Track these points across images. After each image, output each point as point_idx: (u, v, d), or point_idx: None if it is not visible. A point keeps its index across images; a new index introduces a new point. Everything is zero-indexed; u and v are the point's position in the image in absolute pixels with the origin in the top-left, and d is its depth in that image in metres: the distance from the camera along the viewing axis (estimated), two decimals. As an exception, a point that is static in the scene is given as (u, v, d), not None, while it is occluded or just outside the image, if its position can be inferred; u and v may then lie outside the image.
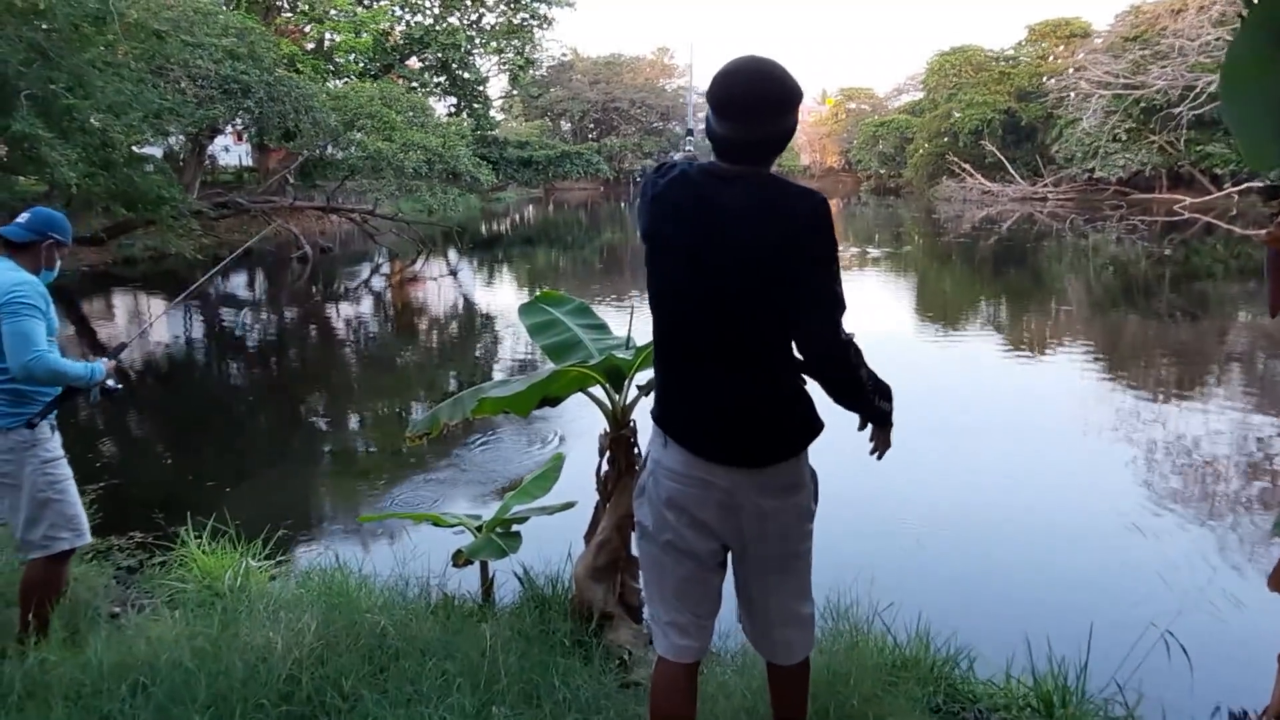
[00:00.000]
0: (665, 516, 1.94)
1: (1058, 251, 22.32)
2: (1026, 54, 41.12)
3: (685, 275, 1.84)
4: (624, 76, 49.12)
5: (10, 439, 2.91)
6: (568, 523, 4.01)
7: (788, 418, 1.93)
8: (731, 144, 1.80)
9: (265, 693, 2.41)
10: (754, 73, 1.77)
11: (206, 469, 6.65)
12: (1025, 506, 5.57)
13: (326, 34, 25.20)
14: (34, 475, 2.94)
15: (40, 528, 2.98)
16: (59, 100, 7.54)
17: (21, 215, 3.09)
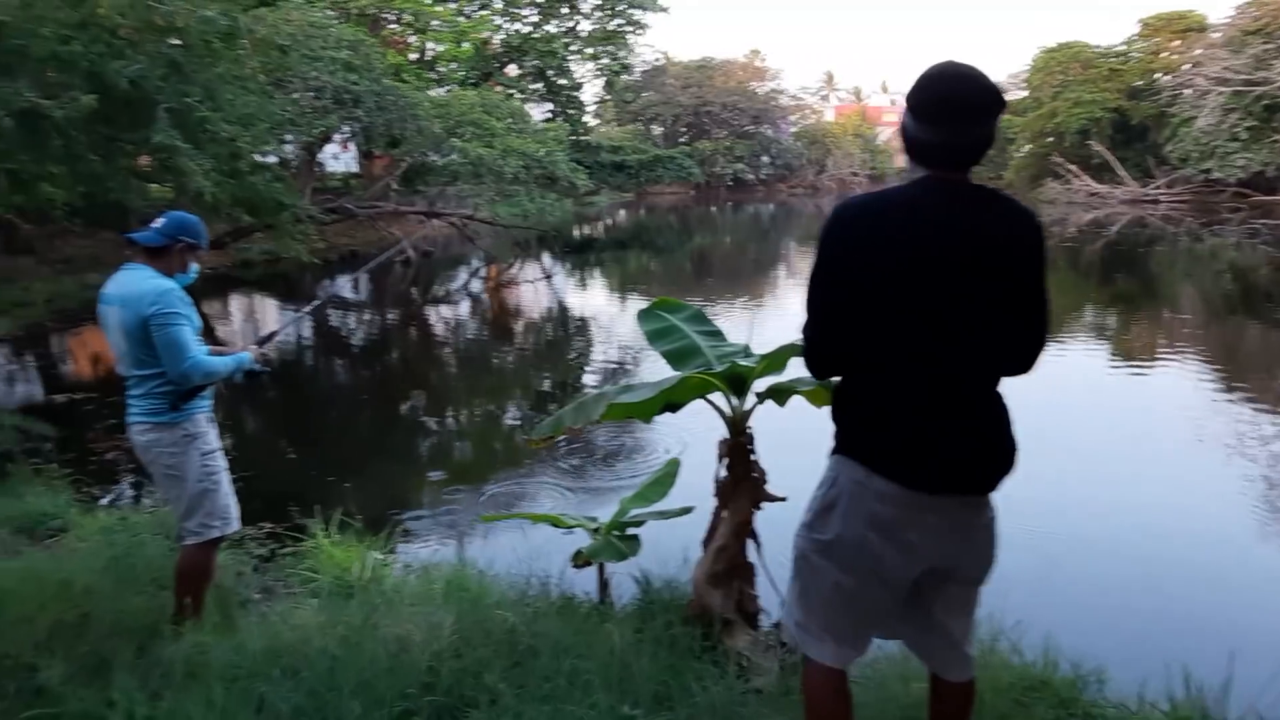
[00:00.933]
0: (867, 540, 1.83)
1: (1171, 256, 21.12)
2: (1138, 50, 39.02)
3: (933, 296, 1.76)
4: (715, 80, 48.97)
5: (174, 434, 3.09)
6: (681, 528, 4.01)
7: (1012, 436, 1.91)
8: (949, 150, 1.78)
9: (408, 682, 2.48)
10: (968, 76, 1.77)
11: (326, 464, 6.94)
12: (1148, 522, 5.29)
13: (429, 44, 26.03)
14: (195, 468, 3.12)
15: (197, 516, 3.16)
16: (194, 113, 8.03)
17: (156, 220, 3.18)
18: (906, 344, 1.79)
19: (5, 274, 14.82)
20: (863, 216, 1.82)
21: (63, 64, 7.07)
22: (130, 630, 3.05)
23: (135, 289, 2.99)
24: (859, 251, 1.78)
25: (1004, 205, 1.84)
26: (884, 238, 1.77)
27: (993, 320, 1.81)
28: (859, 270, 1.78)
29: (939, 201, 1.78)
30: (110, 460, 6.77)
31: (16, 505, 4.98)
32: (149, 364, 3.04)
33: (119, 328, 3.03)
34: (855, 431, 1.87)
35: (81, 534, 4.45)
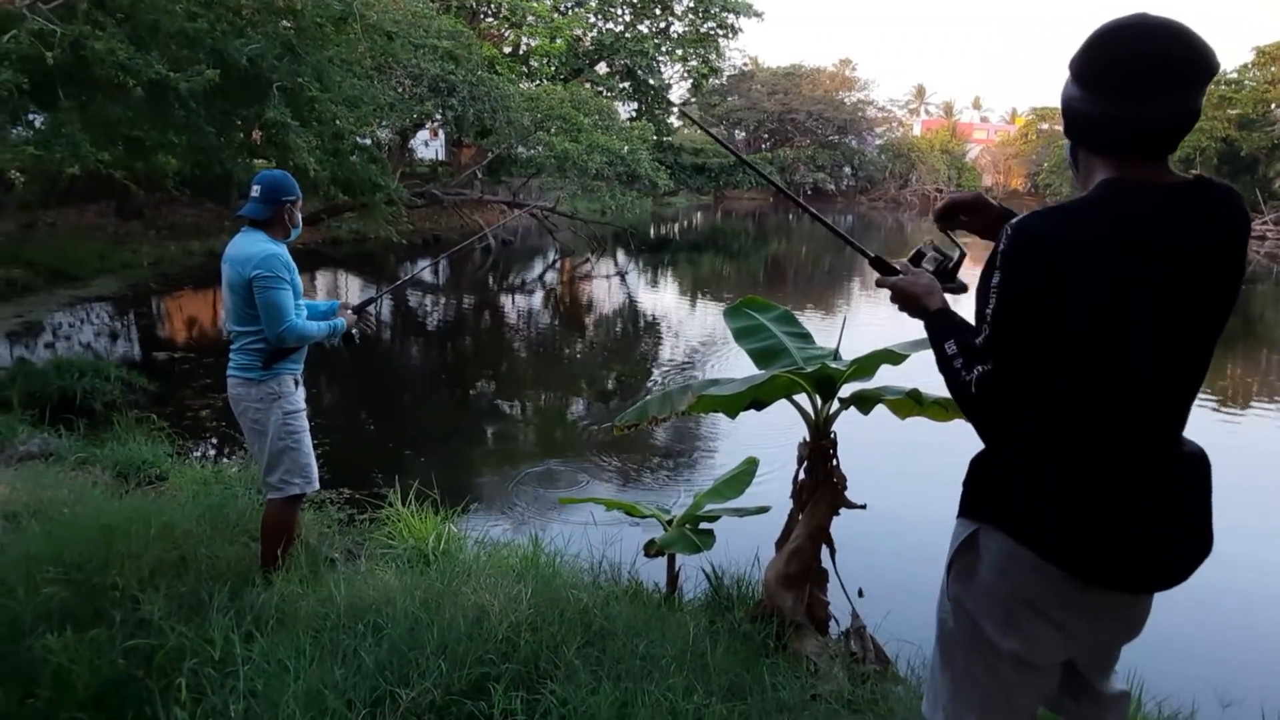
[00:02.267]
0: (1016, 620, 1.52)
1: (1276, 295, 20.04)
2: (1252, 78, 37.16)
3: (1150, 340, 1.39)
4: (803, 88, 48.51)
5: (261, 390, 3.26)
6: (754, 526, 4.01)
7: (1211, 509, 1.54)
8: (1149, 130, 1.37)
9: (487, 648, 2.54)
10: (1173, 29, 1.35)
11: (402, 436, 7.14)
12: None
13: (524, 38, 26.46)
14: (277, 424, 3.27)
15: (277, 472, 3.32)
16: (304, 92, 8.37)
17: (252, 189, 3.31)
18: (1115, 401, 1.41)
19: (117, 236, 15.68)
20: (1054, 237, 1.38)
21: (189, 40, 7.46)
22: (223, 575, 3.20)
23: (245, 251, 3.19)
24: (1049, 283, 1.37)
25: (1219, 203, 1.42)
26: (1092, 265, 1.36)
27: (1202, 361, 1.46)
28: (1050, 306, 1.38)
29: (1150, 211, 1.37)
30: (203, 417, 7.10)
31: (120, 451, 5.28)
32: (249, 321, 3.23)
33: (228, 285, 3.24)
34: (1023, 506, 1.48)
35: (178, 482, 4.68)
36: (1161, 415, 1.44)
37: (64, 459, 5.21)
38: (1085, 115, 1.42)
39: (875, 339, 3.77)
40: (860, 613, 3.57)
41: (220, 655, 2.52)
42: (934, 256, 1.81)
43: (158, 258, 15.13)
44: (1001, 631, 1.52)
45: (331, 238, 17.54)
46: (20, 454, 5.42)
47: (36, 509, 4.00)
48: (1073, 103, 1.44)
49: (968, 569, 1.57)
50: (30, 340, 9.77)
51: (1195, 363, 1.45)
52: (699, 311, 15.51)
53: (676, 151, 34.03)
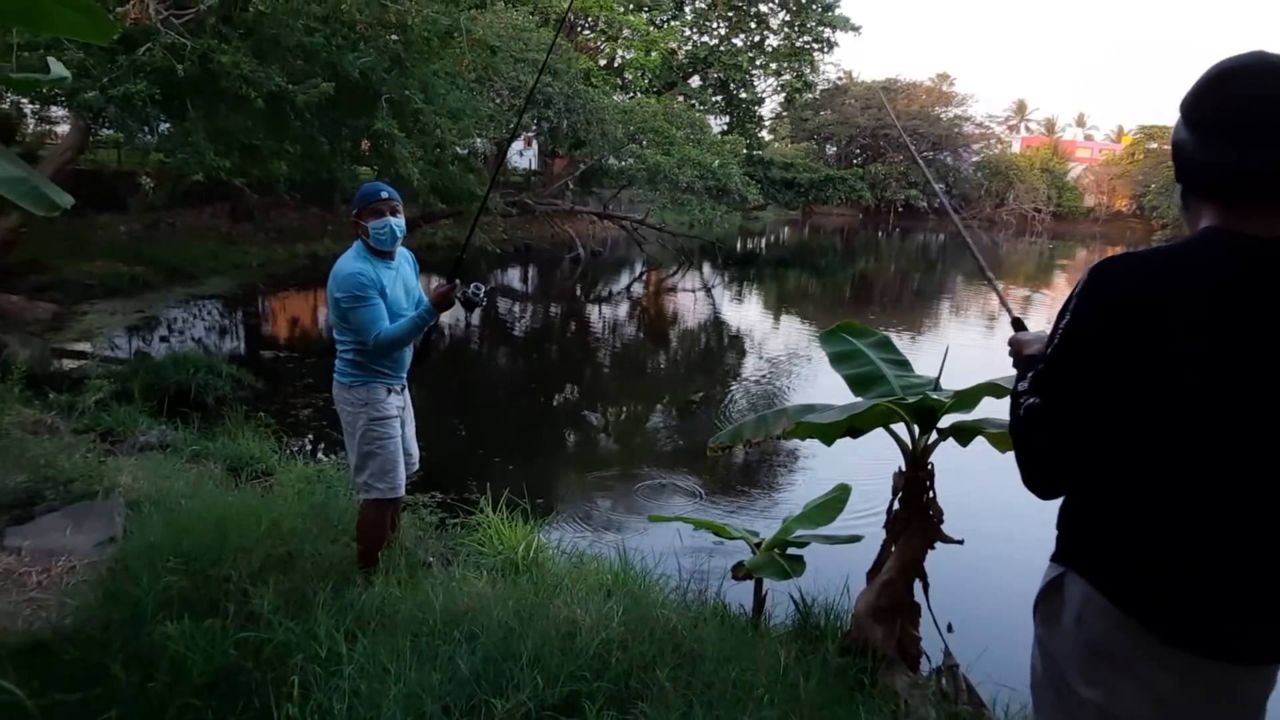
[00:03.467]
0: (1098, 671, 1.44)
1: None
2: None
3: (1255, 400, 1.30)
4: (897, 102, 47.53)
5: (352, 395, 3.39)
6: (843, 555, 3.93)
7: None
8: (1266, 175, 1.29)
9: (579, 664, 2.57)
10: (1278, 69, 1.28)
11: (491, 443, 7.29)
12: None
13: (619, 51, 26.80)
14: (363, 429, 3.39)
15: (363, 474, 3.44)
16: (410, 104, 8.69)
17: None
18: (1196, 455, 1.33)
19: (229, 237, 16.56)
20: (1139, 286, 1.31)
21: (306, 53, 7.86)
22: (326, 573, 3.32)
23: (336, 270, 3.31)
24: (1132, 335, 1.30)
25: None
26: (1169, 318, 1.28)
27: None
28: (1131, 359, 1.31)
29: (1247, 265, 1.28)
30: (305, 416, 7.40)
31: (231, 446, 5.55)
32: (342, 331, 3.38)
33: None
34: (1102, 553, 1.43)
35: (283, 479, 4.89)
36: (1252, 474, 1.33)
37: (180, 451, 5.50)
38: (1194, 160, 1.36)
39: (973, 367, 3.66)
40: (953, 651, 3.46)
41: (325, 653, 2.61)
42: None
43: (265, 259, 15.91)
44: (1083, 680, 1.46)
45: (427, 244, 18.10)
46: (141, 444, 5.75)
47: (157, 499, 4.24)
48: (1182, 145, 1.38)
49: (1053, 613, 1.52)
50: (148, 334, 10.39)
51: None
52: (783, 328, 15.36)
53: (766, 166, 33.81)
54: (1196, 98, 1.35)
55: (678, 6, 30.30)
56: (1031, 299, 19.56)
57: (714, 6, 30.64)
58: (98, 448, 5.42)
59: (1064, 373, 1.39)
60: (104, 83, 7.44)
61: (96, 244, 13.55)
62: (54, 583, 3.55)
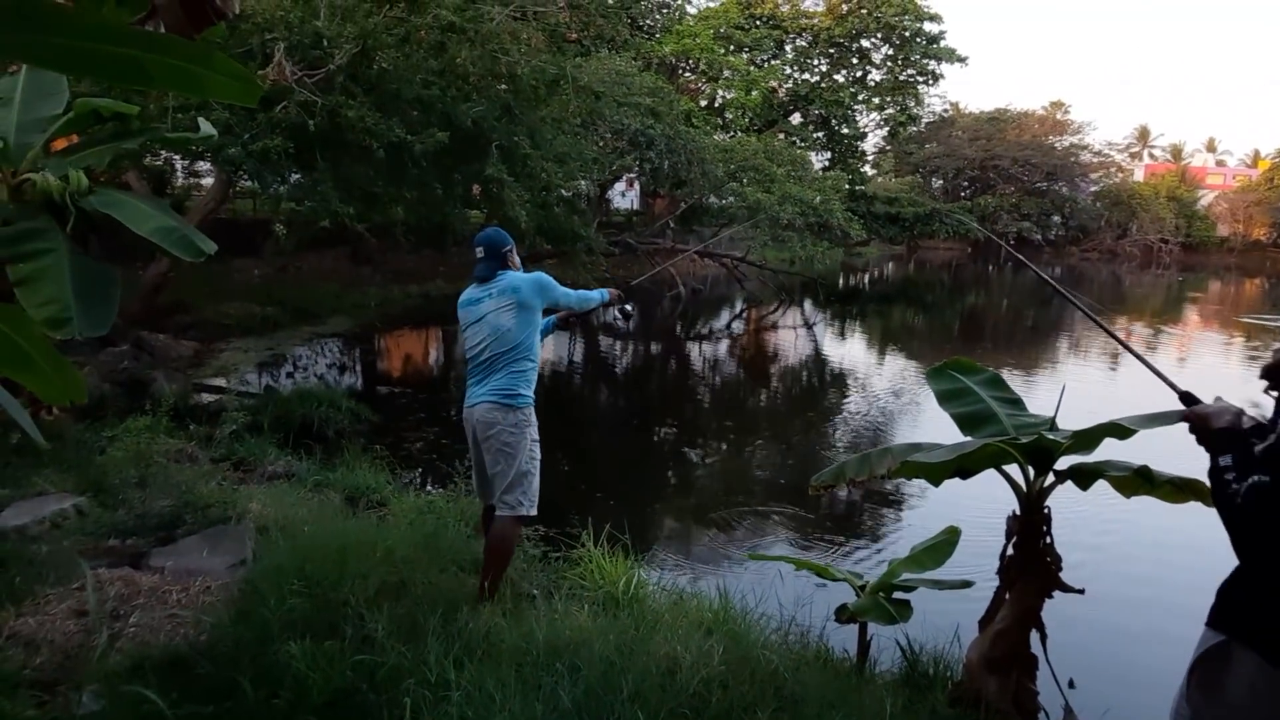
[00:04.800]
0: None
1: None
2: None
3: None
4: (1008, 133, 46.08)
5: (515, 416, 3.61)
6: (954, 601, 3.79)
7: None
8: None
9: (680, 701, 2.57)
10: None
11: (592, 478, 7.39)
12: None
13: (720, 91, 27.16)
14: (526, 449, 3.64)
15: (515, 492, 3.63)
16: (518, 150, 9.08)
17: (476, 250, 3.83)
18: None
19: (350, 280, 17.52)
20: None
21: (423, 105, 8.36)
22: (437, 601, 3.44)
23: (511, 282, 3.72)
24: None
25: None
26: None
27: None
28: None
29: None
30: (417, 449, 7.71)
31: (349, 477, 5.84)
32: (523, 345, 3.66)
33: (509, 310, 3.68)
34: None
35: (397, 509, 5.11)
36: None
37: (303, 480, 5.83)
38: None
39: (1094, 407, 3.48)
40: (1074, 706, 3.28)
41: (435, 678, 2.71)
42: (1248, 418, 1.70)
43: (382, 299, 16.73)
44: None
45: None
46: (269, 473, 6.14)
47: (283, 525, 4.51)
48: None
49: (1213, 680, 1.45)
50: (276, 370, 11.07)
51: None
52: (888, 365, 14.99)
53: (869, 201, 33.33)
54: None
55: (778, 46, 30.50)
56: (1159, 336, 18.43)
57: (815, 44, 30.68)
58: (231, 476, 5.82)
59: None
60: (245, 139, 8.09)
61: (233, 287, 14.59)
62: (192, 600, 3.81)
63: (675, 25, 25.58)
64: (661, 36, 25.14)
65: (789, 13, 30.36)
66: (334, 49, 8.22)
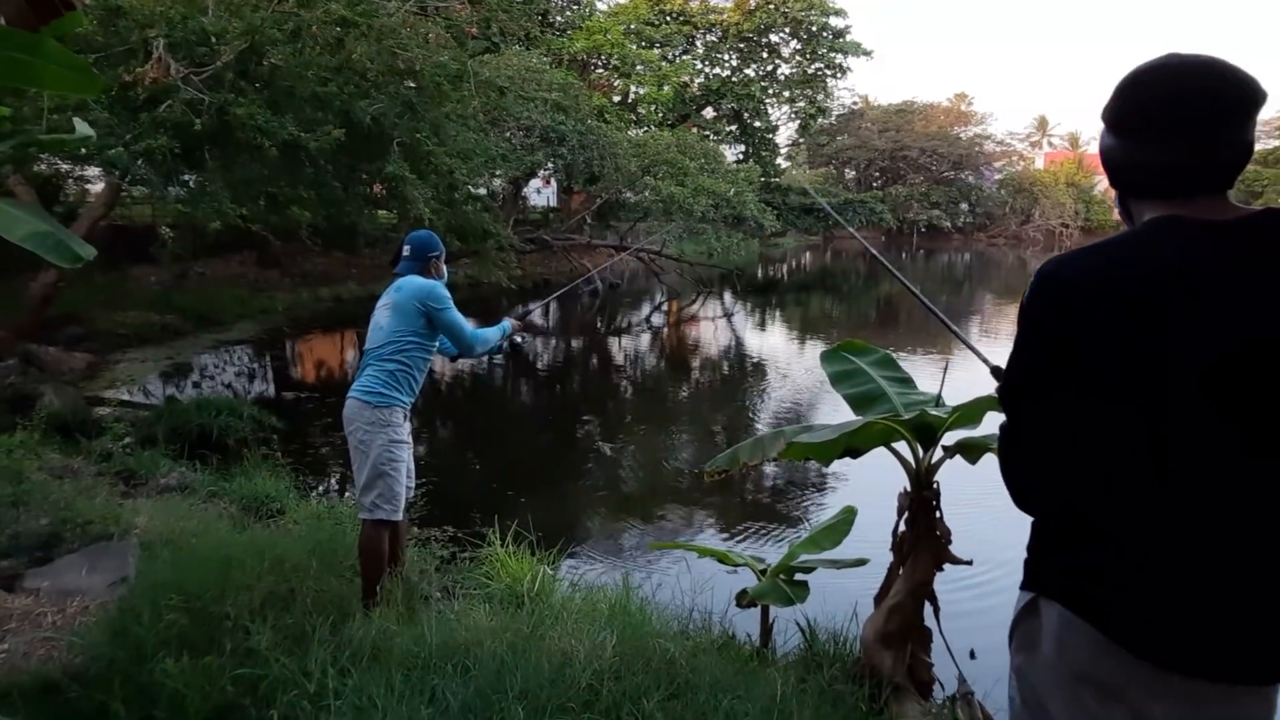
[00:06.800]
0: (1083, 700, 1.35)
1: None
2: None
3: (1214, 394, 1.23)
4: (915, 124, 47.59)
5: (374, 414, 3.50)
6: (852, 580, 3.87)
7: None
8: (1192, 170, 1.30)
9: (569, 696, 2.54)
10: (1206, 65, 1.30)
11: (505, 476, 7.30)
12: None
13: (632, 87, 27.20)
14: (380, 449, 3.50)
15: (371, 494, 3.54)
16: (421, 147, 8.90)
17: (404, 249, 3.80)
18: (1174, 462, 1.26)
19: (256, 284, 16.91)
20: (1092, 281, 1.27)
21: (320, 103, 8.09)
22: (327, 609, 3.33)
23: (417, 283, 3.65)
24: (1092, 335, 1.26)
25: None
26: (1131, 310, 1.24)
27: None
28: (1095, 362, 1.26)
29: (1203, 247, 1.25)
30: (324, 454, 7.48)
31: (247, 486, 5.62)
32: (393, 345, 3.54)
33: (393, 306, 3.61)
34: (1074, 576, 1.36)
35: (295, 517, 4.94)
36: (1232, 480, 1.25)
37: (197, 492, 5.59)
38: (1126, 163, 1.38)
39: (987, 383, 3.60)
40: (969, 677, 3.37)
41: (315, 689, 2.61)
42: None
43: (291, 304, 16.21)
44: (1068, 713, 1.37)
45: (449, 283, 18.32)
46: (161, 486, 5.86)
47: (169, 538, 4.30)
48: (1112, 152, 1.40)
49: (1029, 639, 1.43)
50: (179, 380, 10.61)
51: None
52: (806, 353, 15.28)
53: (784, 192, 33.93)
54: (1119, 103, 1.37)
55: (689, 41, 30.74)
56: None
57: (725, 39, 31.02)
58: (118, 491, 5.54)
59: (1026, 384, 1.36)
60: (127, 139, 7.69)
61: (129, 295, 13.90)
62: (68, 622, 3.61)
63: (586, 21, 25.51)
64: (573, 33, 25.04)
65: (698, 8, 30.63)
66: (221, 45, 7.89)
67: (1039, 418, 1.35)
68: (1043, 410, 1.34)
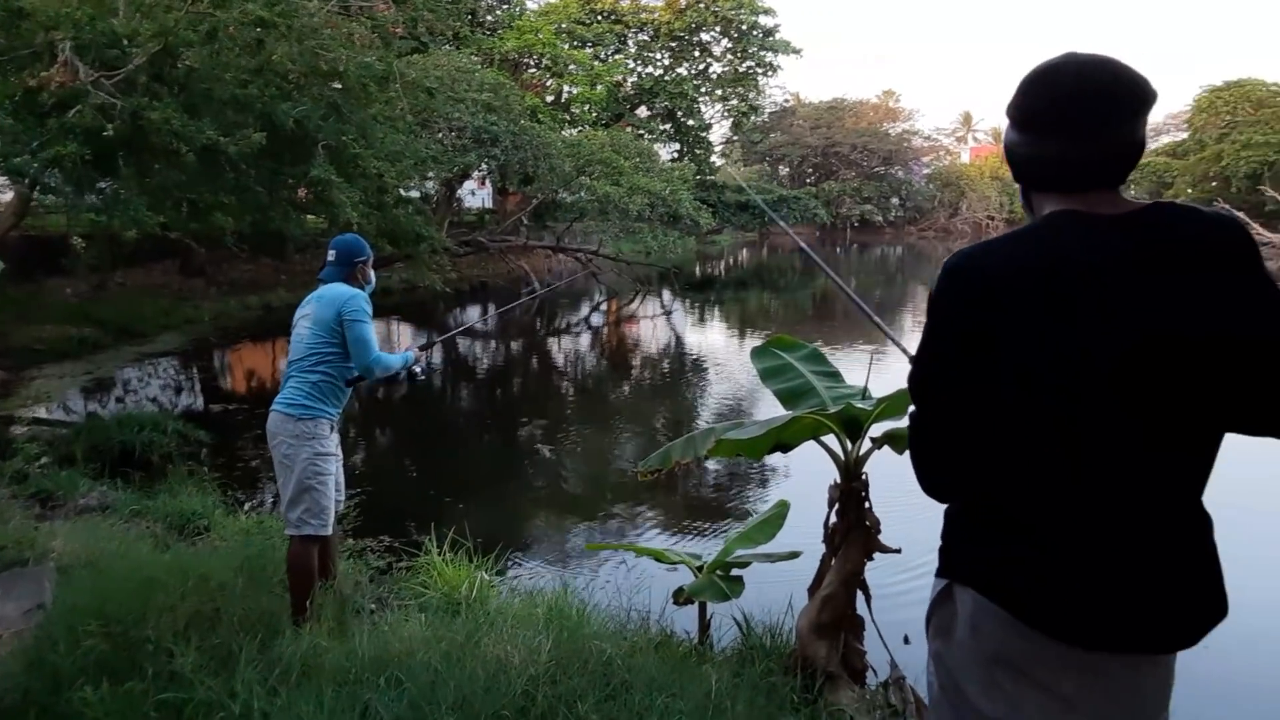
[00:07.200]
0: (998, 682, 1.39)
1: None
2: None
3: (1111, 377, 1.28)
4: (846, 121, 48.53)
5: (298, 426, 3.41)
6: (788, 572, 3.93)
7: (1219, 561, 1.40)
8: (1088, 165, 1.35)
9: (504, 703, 2.52)
10: (1100, 64, 1.35)
11: (445, 483, 7.21)
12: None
13: (565, 87, 27.10)
14: (305, 463, 3.41)
15: (297, 509, 3.44)
16: (347, 149, 8.71)
17: (329, 253, 3.68)
18: (1071, 446, 1.31)
19: (181, 294, 16.34)
20: (992, 273, 1.32)
21: (240, 106, 7.86)
22: (255, 626, 3.24)
23: (335, 291, 3.51)
24: (993, 325, 1.30)
25: (1185, 223, 1.33)
26: (1029, 301, 1.28)
27: (1212, 386, 1.30)
28: (996, 352, 1.30)
29: (1095, 239, 1.30)
30: (254, 467, 7.28)
31: (171, 503, 5.43)
32: (319, 349, 3.44)
33: (313, 319, 3.49)
34: (984, 561, 1.41)
35: (223, 533, 4.80)
36: (1127, 463, 1.32)
37: (119, 511, 5.38)
38: (1026, 157, 1.42)
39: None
40: (900, 663, 3.45)
41: (241, 710, 2.55)
42: None
43: (218, 313, 15.71)
44: (984, 695, 1.40)
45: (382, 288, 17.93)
46: (79, 507, 5.62)
47: (88, 561, 4.13)
48: (1015, 147, 1.44)
49: (944, 625, 1.48)
50: (100, 395, 10.19)
51: (1185, 402, 1.30)
52: (745, 350, 15.44)
53: (720, 190, 34.24)
54: (1020, 100, 1.41)
55: (621, 40, 30.78)
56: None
57: (657, 38, 31.15)
58: (32, 513, 5.29)
59: (937, 374, 1.39)
60: (34, 147, 7.35)
61: (44, 308, 13.29)
62: (-20, 655, 3.44)
63: (516, 21, 25.31)
64: (503, 33, 24.82)
65: (629, 7, 30.69)
66: (133, 48, 7.59)
67: (951, 409, 1.37)
68: (955, 402, 1.36)
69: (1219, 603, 1.37)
